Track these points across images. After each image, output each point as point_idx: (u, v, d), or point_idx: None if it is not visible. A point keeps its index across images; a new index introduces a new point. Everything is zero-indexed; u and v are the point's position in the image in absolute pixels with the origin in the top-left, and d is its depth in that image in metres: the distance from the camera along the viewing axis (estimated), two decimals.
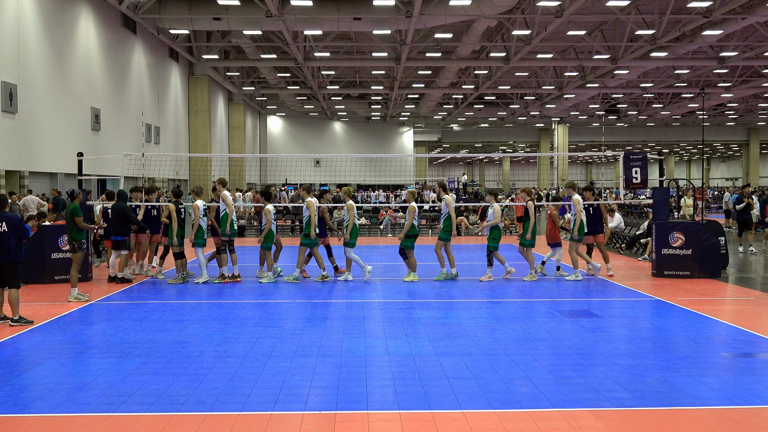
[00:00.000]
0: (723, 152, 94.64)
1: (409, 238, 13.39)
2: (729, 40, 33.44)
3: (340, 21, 27.18)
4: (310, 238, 13.17)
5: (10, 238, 9.35)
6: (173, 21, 28.13)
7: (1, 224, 9.34)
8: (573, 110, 57.69)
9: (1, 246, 9.32)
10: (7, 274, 9.42)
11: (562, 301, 11.38)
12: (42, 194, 21.91)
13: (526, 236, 13.59)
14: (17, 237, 9.42)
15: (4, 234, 9.33)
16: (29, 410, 5.91)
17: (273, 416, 5.74)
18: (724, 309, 10.94)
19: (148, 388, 6.46)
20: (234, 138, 48.92)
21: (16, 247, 9.41)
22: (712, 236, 13.89)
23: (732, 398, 6.18)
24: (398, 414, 5.77)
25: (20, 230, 9.48)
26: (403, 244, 13.42)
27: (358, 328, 9.08)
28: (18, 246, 9.45)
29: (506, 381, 6.66)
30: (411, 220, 13.24)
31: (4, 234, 9.33)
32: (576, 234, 13.57)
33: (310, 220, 13.11)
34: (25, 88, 20.68)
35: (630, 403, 6.01)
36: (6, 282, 9.43)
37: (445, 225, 13.43)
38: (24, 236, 9.58)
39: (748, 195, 19.04)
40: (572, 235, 13.67)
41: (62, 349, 8.05)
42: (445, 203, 13.52)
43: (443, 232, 13.47)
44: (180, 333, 8.85)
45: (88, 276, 13.61)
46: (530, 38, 30.43)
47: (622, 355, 7.70)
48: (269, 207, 13.40)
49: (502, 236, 13.58)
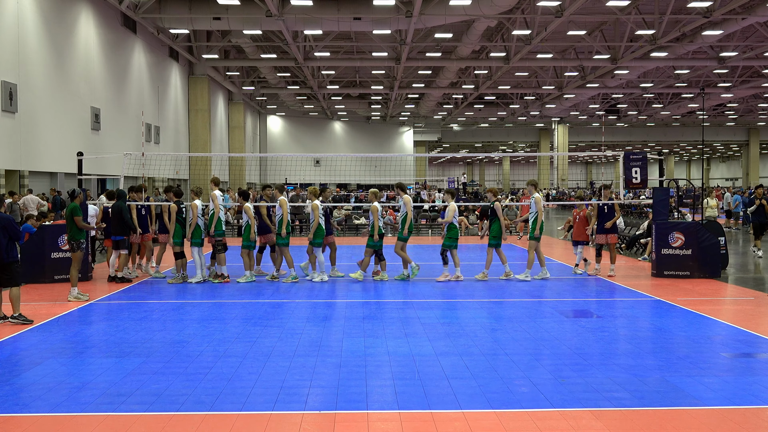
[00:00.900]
0: (723, 152, 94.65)
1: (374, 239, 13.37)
2: (729, 40, 33.45)
3: (340, 21, 27.18)
4: (281, 237, 13.23)
5: (1, 238, 9.27)
6: (173, 21, 28.14)
7: None
8: (573, 110, 57.71)
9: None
10: (3, 275, 9.40)
11: (562, 302, 11.37)
12: (42, 194, 21.92)
13: (494, 236, 13.51)
14: (8, 237, 9.35)
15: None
16: (29, 410, 5.91)
17: (273, 416, 5.74)
18: (724, 309, 10.93)
19: (148, 388, 6.45)
20: (234, 138, 48.92)
21: (7, 248, 9.34)
22: (712, 236, 13.88)
23: (732, 398, 6.17)
24: (398, 414, 5.76)
25: (11, 231, 9.39)
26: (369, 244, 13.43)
27: (358, 328, 9.08)
28: (9, 246, 9.38)
29: (506, 381, 6.65)
30: (377, 221, 13.22)
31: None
32: (537, 232, 13.44)
33: (282, 219, 13.15)
34: (25, 88, 20.68)
35: (630, 403, 6.01)
36: (3, 282, 9.41)
37: (402, 225, 13.43)
38: (15, 237, 9.48)
39: (762, 196, 18.66)
40: (532, 234, 13.54)
41: (62, 349, 8.05)
42: (404, 203, 13.48)
43: (402, 233, 13.42)
44: (179, 333, 8.84)
45: (88, 275, 13.61)
46: (530, 38, 30.44)
47: (621, 355, 7.69)
48: (248, 205, 13.43)
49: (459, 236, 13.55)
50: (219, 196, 13.52)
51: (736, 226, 28.52)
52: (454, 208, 13.43)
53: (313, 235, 13.19)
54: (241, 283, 13.24)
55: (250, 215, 13.33)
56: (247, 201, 13.65)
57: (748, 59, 36.41)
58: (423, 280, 13.57)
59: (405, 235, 13.33)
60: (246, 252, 13.45)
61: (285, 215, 13.18)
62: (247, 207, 13.40)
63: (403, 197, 13.51)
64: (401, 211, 13.55)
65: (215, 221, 13.28)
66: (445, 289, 12.58)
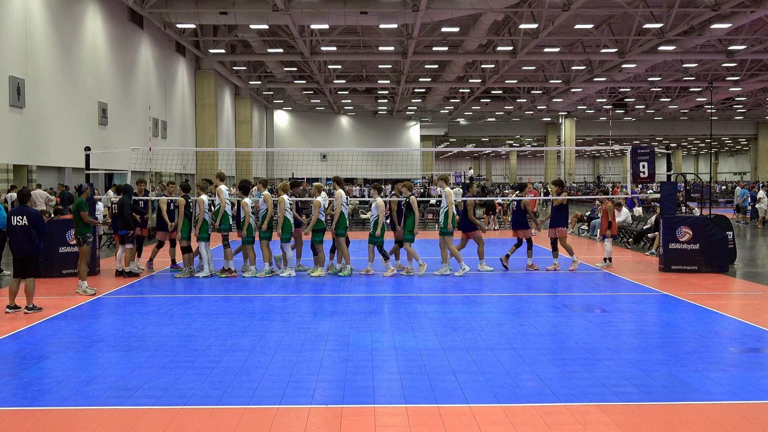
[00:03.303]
0: (731, 146, 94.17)
1: (316, 233, 13.38)
2: (737, 33, 33.19)
3: (346, 15, 27.12)
4: (263, 231, 13.27)
5: (30, 231, 9.70)
6: (180, 15, 28.12)
7: (21, 218, 9.72)
8: (580, 104, 57.45)
9: (22, 239, 9.70)
10: (28, 266, 9.79)
11: (569, 296, 11.36)
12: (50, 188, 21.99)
13: (409, 230, 13.34)
14: (36, 231, 9.78)
15: (25, 227, 9.71)
16: (37, 403, 5.94)
17: (280, 410, 5.75)
18: (732, 304, 10.90)
19: (156, 382, 6.48)
20: (241, 132, 48.93)
21: (36, 241, 9.77)
22: (720, 231, 13.83)
23: (739, 393, 6.15)
24: (405, 408, 5.77)
25: (39, 225, 9.84)
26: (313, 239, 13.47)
27: (365, 322, 9.08)
28: (38, 239, 9.84)
29: (513, 375, 6.65)
30: (317, 215, 13.25)
31: (25, 227, 9.71)
32: (450, 227, 13.30)
33: (266, 213, 13.18)
34: (33, 83, 20.73)
35: (637, 398, 5.99)
36: (26, 273, 9.80)
37: (340, 221, 13.40)
38: (42, 231, 9.94)
39: None
40: (444, 229, 13.35)
41: (70, 343, 8.09)
42: (335, 198, 13.48)
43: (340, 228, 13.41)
44: (187, 327, 8.87)
45: (95, 270, 13.67)
46: (537, 32, 30.31)
47: (628, 349, 7.68)
48: (246, 200, 13.44)
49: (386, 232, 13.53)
50: (225, 190, 13.55)
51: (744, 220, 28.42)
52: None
53: (281, 230, 13.16)
54: (247, 277, 13.26)
55: (246, 211, 13.32)
56: (246, 195, 13.66)
57: (757, 53, 36.14)
58: (430, 275, 13.56)
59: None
60: (249, 247, 13.47)
61: (270, 210, 13.19)
62: (244, 203, 13.40)
63: (335, 193, 13.47)
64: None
65: (220, 216, 13.31)
66: (452, 283, 12.57)
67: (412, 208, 13.34)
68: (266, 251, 13.45)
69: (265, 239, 13.39)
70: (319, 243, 13.49)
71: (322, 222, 13.43)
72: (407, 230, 13.42)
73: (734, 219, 27.28)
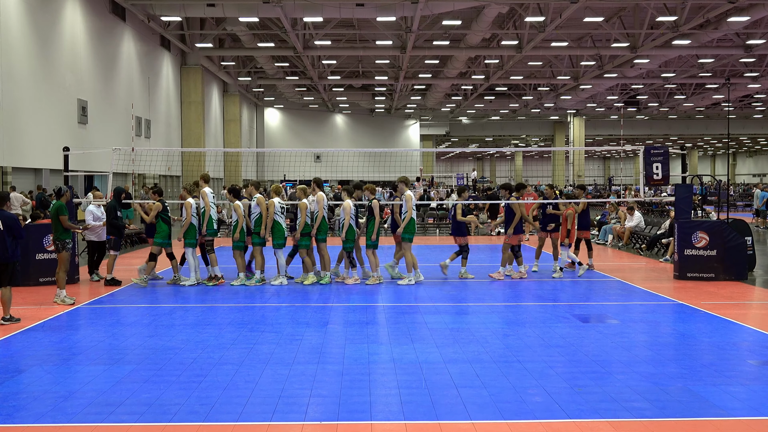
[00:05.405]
0: (750, 147, 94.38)
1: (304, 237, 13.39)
2: (756, 27, 33.31)
3: (341, 7, 27.19)
4: (258, 236, 13.27)
5: (5, 237, 9.59)
6: (165, 7, 28.17)
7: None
8: (590, 102, 57.58)
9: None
10: (4, 274, 9.68)
11: (578, 305, 11.36)
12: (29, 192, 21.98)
13: (371, 237, 13.33)
14: (13, 236, 9.68)
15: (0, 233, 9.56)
16: (12, 420, 5.93)
17: (271, 427, 5.75)
18: (751, 313, 10.92)
19: (139, 397, 6.47)
20: (229, 132, 48.98)
21: (12, 247, 9.68)
22: (738, 236, 13.85)
23: (759, 408, 6.16)
24: (404, 425, 5.77)
25: (16, 230, 9.73)
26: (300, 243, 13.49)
27: (361, 334, 9.08)
28: (14, 245, 9.74)
29: (519, 390, 6.65)
30: (304, 218, 13.28)
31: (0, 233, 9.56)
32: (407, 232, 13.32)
33: (260, 218, 13.18)
34: (8, 79, 20.73)
35: (650, 414, 6.00)
36: (2, 281, 9.69)
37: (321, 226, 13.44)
38: (19, 236, 9.83)
39: None
40: (405, 235, 13.32)
41: (47, 356, 8.08)
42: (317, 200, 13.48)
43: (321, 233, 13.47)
44: (172, 338, 8.86)
45: (74, 278, 13.64)
46: (544, 25, 30.39)
47: (641, 362, 7.68)
48: (238, 203, 13.44)
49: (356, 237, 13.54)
50: (210, 193, 13.56)
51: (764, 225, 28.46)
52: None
53: (271, 235, 13.19)
54: (235, 286, 13.26)
55: (239, 214, 13.34)
56: (238, 199, 13.67)
57: None
58: (430, 282, 13.57)
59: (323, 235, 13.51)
60: (238, 253, 13.47)
61: (264, 214, 13.20)
62: (237, 205, 13.41)
63: (316, 196, 13.44)
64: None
65: (206, 220, 13.32)
66: (453, 292, 12.58)
67: (374, 212, 13.34)
68: (259, 258, 13.46)
69: (258, 245, 13.40)
70: (306, 248, 13.49)
71: (310, 226, 13.44)
72: (368, 236, 13.40)
73: (753, 223, 27.31)
